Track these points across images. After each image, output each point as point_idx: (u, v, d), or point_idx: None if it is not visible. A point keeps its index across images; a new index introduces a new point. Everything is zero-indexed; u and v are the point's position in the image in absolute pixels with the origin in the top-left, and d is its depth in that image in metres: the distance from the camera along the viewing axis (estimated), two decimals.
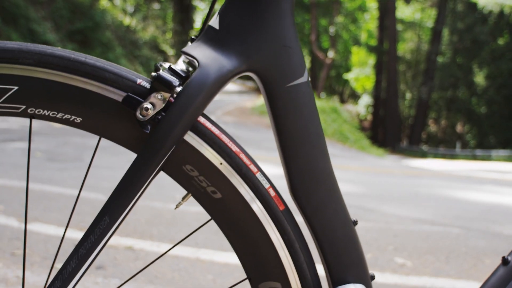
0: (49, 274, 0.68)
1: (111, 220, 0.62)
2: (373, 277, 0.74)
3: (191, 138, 0.65)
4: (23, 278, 0.69)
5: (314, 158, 0.69)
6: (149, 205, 3.28)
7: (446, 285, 2.20)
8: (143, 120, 0.62)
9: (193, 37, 0.69)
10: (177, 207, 0.69)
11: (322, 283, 0.73)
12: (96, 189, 3.58)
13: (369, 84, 35.39)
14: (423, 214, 3.88)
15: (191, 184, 0.68)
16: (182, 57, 0.68)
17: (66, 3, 16.21)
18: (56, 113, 0.63)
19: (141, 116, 0.62)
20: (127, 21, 22.89)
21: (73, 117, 0.63)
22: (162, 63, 0.65)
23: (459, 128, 36.35)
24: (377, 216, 3.63)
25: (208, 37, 0.67)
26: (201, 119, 0.65)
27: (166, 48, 25.80)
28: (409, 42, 37.11)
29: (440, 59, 33.68)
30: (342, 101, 37.37)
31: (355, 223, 0.73)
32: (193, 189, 0.68)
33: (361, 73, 34.87)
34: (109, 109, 0.63)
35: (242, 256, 0.71)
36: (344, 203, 0.72)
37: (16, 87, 0.60)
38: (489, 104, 32.32)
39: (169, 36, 29.15)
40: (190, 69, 0.67)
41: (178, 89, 0.62)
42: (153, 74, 0.63)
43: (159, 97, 0.62)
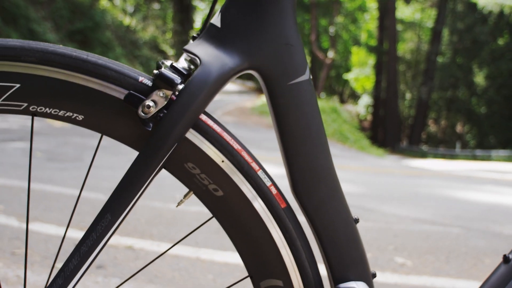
0: (50, 273, 0.68)
1: (113, 218, 0.62)
2: (374, 275, 0.74)
3: (193, 136, 0.65)
4: (24, 278, 0.69)
5: (315, 156, 0.69)
6: (149, 204, 3.28)
7: (446, 284, 2.20)
8: (145, 117, 0.62)
9: (194, 35, 0.69)
10: (178, 204, 0.69)
11: (324, 281, 0.73)
12: (96, 189, 3.58)
13: (369, 84, 35.38)
14: (423, 214, 3.88)
15: (192, 182, 0.68)
16: (184, 55, 0.68)
17: (66, 3, 16.22)
18: (58, 110, 0.63)
19: (143, 114, 0.62)
20: (127, 21, 22.90)
21: (75, 115, 0.63)
22: (164, 61, 0.65)
23: (459, 128, 36.36)
24: (377, 216, 3.63)
25: (209, 35, 0.67)
26: (203, 117, 0.65)
27: (166, 48, 25.80)
28: (409, 42, 37.11)
29: (440, 59, 33.68)
30: (342, 101, 37.36)
31: (356, 221, 0.73)
32: (194, 187, 0.68)
33: (361, 73, 34.87)
34: (111, 106, 0.63)
35: (244, 254, 0.71)
36: (346, 201, 0.72)
37: (18, 85, 0.60)
38: (489, 104, 32.32)
39: (169, 36, 29.15)
40: (192, 67, 0.67)
41: (180, 87, 0.62)
42: (155, 71, 0.63)
43: (161, 94, 0.62)
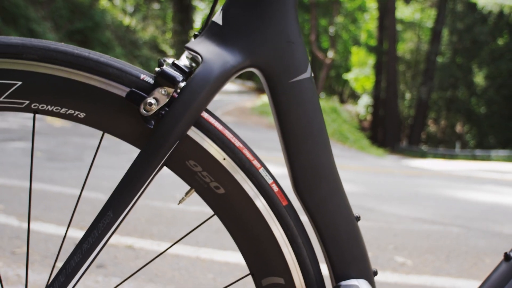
0: (51, 271, 0.68)
1: (115, 215, 0.62)
2: (375, 273, 0.74)
3: (194, 133, 0.65)
4: (26, 277, 0.69)
5: (317, 154, 0.69)
6: (149, 204, 3.28)
7: (447, 284, 2.20)
8: (147, 115, 0.62)
9: (196, 33, 0.69)
10: (180, 202, 0.69)
11: (325, 279, 0.73)
12: (97, 188, 3.58)
13: (369, 84, 35.39)
14: (423, 214, 3.88)
15: (194, 179, 0.68)
16: (186, 53, 0.68)
17: (66, 3, 16.22)
18: (59, 108, 0.63)
19: (144, 111, 0.62)
20: (126, 21, 22.90)
21: (76, 113, 0.63)
22: (166, 58, 0.65)
23: (458, 128, 36.36)
24: (377, 216, 3.63)
25: (211, 33, 0.67)
26: (205, 114, 0.65)
27: (165, 48, 25.80)
28: (408, 42, 37.12)
29: (440, 59, 33.69)
30: (342, 101, 37.36)
31: (358, 219, 0.73)
32: (196, 184, 0.68)
33: (361, 73, 34.87)
34: (112, 104, 0.63)
35: (245, 251, 0.71)
36: (347, 198, 0.72)
37: (19, 82, 0.60)
38: (489, 104, 32.33)
39: (168, 36, 29.15)
40: (194, 64, 0.67)
41: (182, 84, 0.62)
42: (157, 69, 0.63)
43: (163, 92, 0.62)
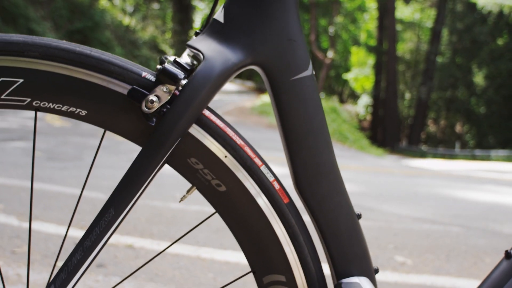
0: (52, 269, 0.68)
1: (116, 213, 0.62)
2: (377, 271, 0.74)
3: (196, 131, 0.65)
4: (27, 277, 0.69)
5: (318, 151, 0.69)
6: (149, 204, 3.28)
7: (447, 283, 2.20)
8: (148, 112, 0.62)
9: (197, 31, 0.69)
10: (181, 200, 0.69)
11: (326, 277, 0.73)
12: (96, 188, 3.58)
13: (369, 84, 35.39)
14: (423, 213, 3.88)
15: (195, 177, 0.68)
16: (187, 51, 0.68)
17: (66, 3, 16.21)
18: (61, 106, 0.63)
19: (146, 109, 0.62)
20: (126, 21, 22.90)
21: (78, 110, 0.63)
22: (168, 56, 0.65)
23: (458, 128, 36.37)
24: (377, 215, 3.63)
25: (213, 31, 0.67)
26: (206, 112, 0.65)
27: (165, 48, 25.79)
28: (408, 42, 37.13)
29: (440, 59, 33.70)
30: (342, 101, 37.37)
31: (359, 217, 0.73)
32: (197, 182, 0.68)
33: (361, 73, 34.87)
34: (114, 102, 0.63)
35: (246, 249, 0.71)
36: (348, 196, 0.72)
37: (21, 80, 0.60)
38: (488, 104, 32.33)
39: (168, 36, 29.15)
40: (195, 62, 0.67)
41: (183, 82, 0.62)
42: (158, 67, 0.63)
43: (164, 89, 0.62)
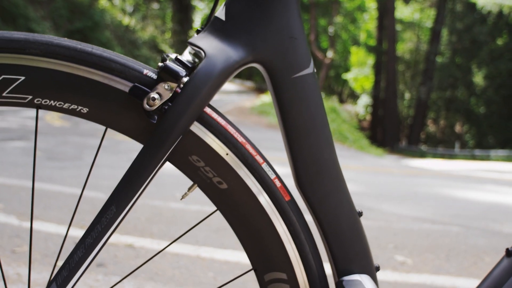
0: (53, 268, 0.68)
1: (118, 210, 0.62)
2: (378, 268, 0.74)
3: (197, 128, 0.65)
4: (28, 277, 0.69)
5: (319, 149, 0.69)
6: (149, 203, 3.28)
7: (447, 282, 2.20)
8: (150, 110, 0.62)
9: (199, 28, 0.69)
10: (183, 197, 0.69)
11: (327, 274, 0.73)
12: (96, 187, 3.58)
13: (368, 84, 35.39)
14: (422, 213, 3.88)
15: (197, 174, 0.68)
16: (189, 48, 0.68)
17: (65, 3, 16.21)
18: (62, 103, 0.63)
19: (148, 106, 0.62)
20: (126, 20, 22.90)
21: (79, 108, 0.63)
22: (169, 54, 0.65)
23: (458, 128, 36.39)
24: (377, 215, 3.63)
25: (214, 28, 0.67)
26: (208, 109, 0.65)
27: (165, 47, 25.79)
28: (408, 42, 37.14)
29: (439, 59, 33.71)
30: (341, 101, 37.37)
31: (360, 214, 0.73)
32: (199, 179, 0.68)
33: (360, 73, 34.87)
34: (115, 99, 0.63)
35: (248, 246, 0.71)
36: (349, 194, 0.72)
37: (22, 77, 0.60)
38: (488, 104, 32.35)
39: (168, 36, 29.16)
40: (197, 60, 0.67)
41: (185, 79, 0.62)
42: (160, 64, 0.63)
43: (166, 87, 0.62)
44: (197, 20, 34.15)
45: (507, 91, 30.56)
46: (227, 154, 0.65)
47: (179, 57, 0.64)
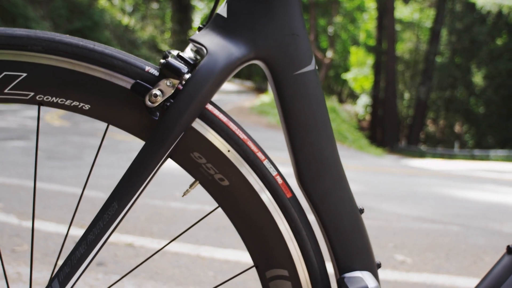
0: (54, 267, 0.68)
1: (120, 206, 0.62)
2: (379, 265, 0.74)
3: (199, 125, 0.65)
4: (30, 276, 0.69)
5: (321, 146, 0.69)
6: (149, 203, 3.28)
7: (446, 282, 2.21)
8: (152, 107, 0.62)
9: (201, 25, 0.69)
10: (184, 194, 0.69)
11: (329, 271, 0.73)
12: (96, 187, 3.58)
13: (368, 84, 35.41)
14: (422, 212, 3.89)
15: (198, 171, 0.68)
16: (190, 45, 0.68)
17: (65, 2, 16.21)
18: (64, 100, 0.63)
19: (149, 103, 0.62)
20: (125, 20, 22.89)
21: (81, 104, 0.63)
22: (171, 50, 0.65)
23: (457, 128, 36.41)
24: (377, 214, 3.63)
25: (216, 25, 0.67)
26: (209, 106, 0.65)
27: (164, 47, 25.79)
28: (407, 42, 37.16)
29: (439, 59, 33.73)
30: (341, 101, 37.39)
31: (361, 211, 0.73)
32: (200, 176, 0.68)
33: (360, 73, 34.89)
34: (117, 96, 0.63)
35: (249, 243, 0.71)
36: (351, 190, 0.72)
37: (24, 74, 0.60)
38: (488, 104, 32.37)
39: (167, 35, 29.16)
40: (198, 57, 0.67)
41: (187, 76, 0.62)
42: (162, 61, 0.63)
43: (168, 84, 0.62)
44: (197, 20, 34.14)
45: (506, 91, 30.58)
46: (228, 151, 0.66)
47: (181, 53, 0.64)
